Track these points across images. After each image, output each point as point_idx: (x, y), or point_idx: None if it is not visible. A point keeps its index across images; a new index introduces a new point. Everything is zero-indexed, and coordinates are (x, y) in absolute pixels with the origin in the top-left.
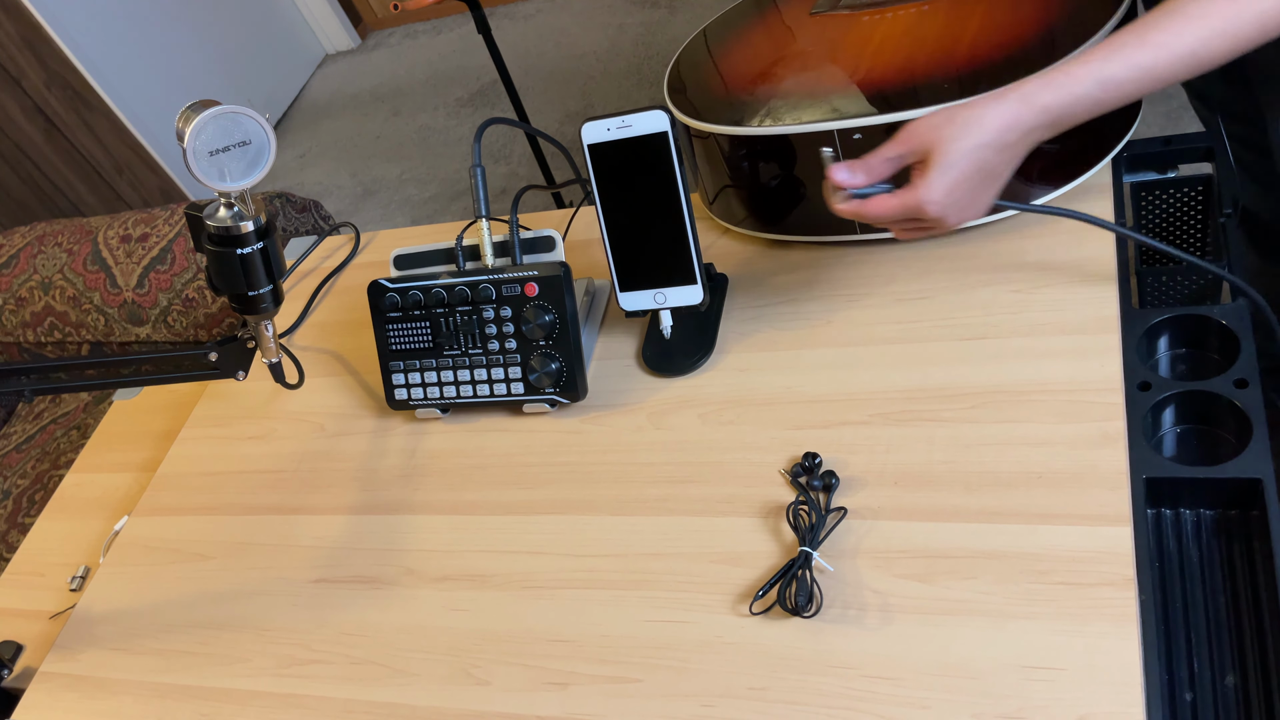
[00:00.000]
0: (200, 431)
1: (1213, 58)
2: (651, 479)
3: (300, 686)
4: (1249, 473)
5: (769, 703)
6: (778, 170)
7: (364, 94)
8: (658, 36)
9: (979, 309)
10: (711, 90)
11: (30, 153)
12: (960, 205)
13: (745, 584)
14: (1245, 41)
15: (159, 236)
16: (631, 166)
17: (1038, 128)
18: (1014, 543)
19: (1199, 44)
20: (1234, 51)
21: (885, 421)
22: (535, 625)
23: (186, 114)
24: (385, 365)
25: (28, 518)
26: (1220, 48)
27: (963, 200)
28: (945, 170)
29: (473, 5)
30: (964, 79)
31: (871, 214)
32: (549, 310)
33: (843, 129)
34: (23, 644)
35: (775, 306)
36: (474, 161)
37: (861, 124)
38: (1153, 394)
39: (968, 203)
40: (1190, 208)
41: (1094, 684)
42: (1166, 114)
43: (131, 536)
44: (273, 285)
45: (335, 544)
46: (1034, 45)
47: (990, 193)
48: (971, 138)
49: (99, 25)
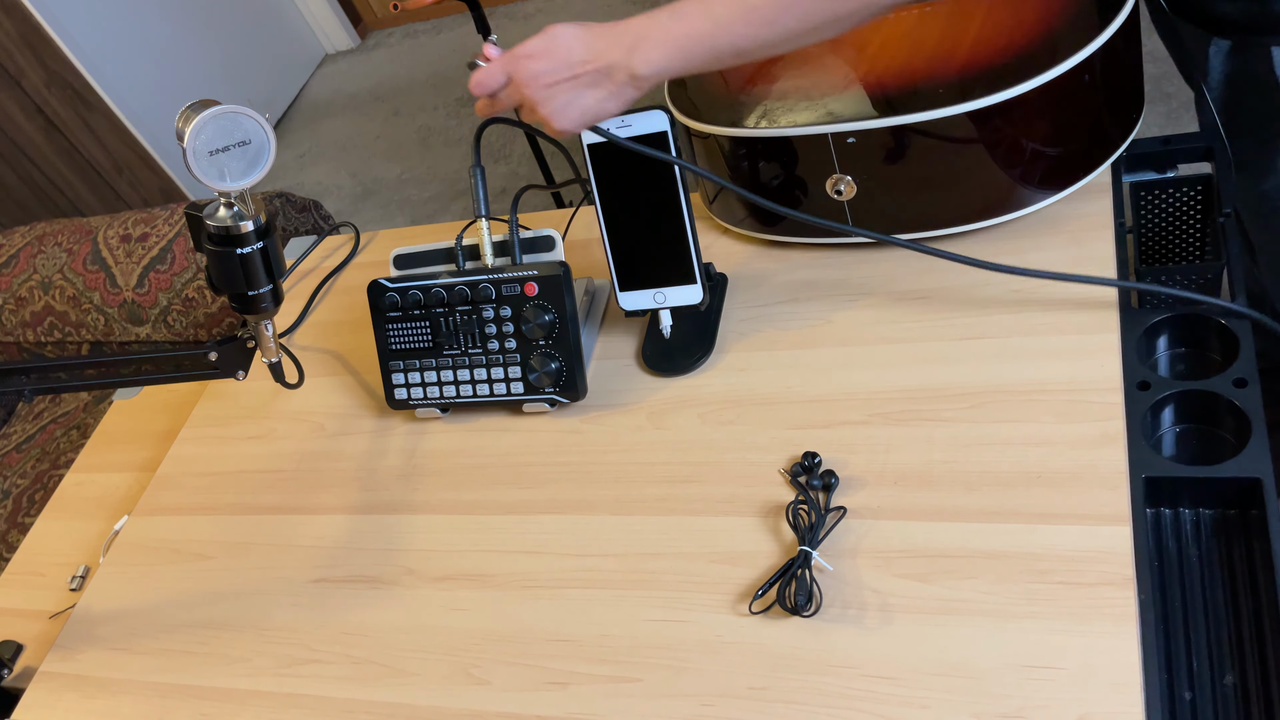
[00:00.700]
0: (200, 431)
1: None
2: (651, 479)
3: (300, 686)
4: (1248, 472)
5: (769, 702)
6: (777, 171)
7: (364, 94)
8: None
9: (979, 309)
10: (712, 90)
11: (30, 152)
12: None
13: (745, 583)
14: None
15: (159, 236)
16: (631, 166)
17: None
18: (1014, 543)
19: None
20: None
21: (885, 421)
22: (535, 625)
23: (186, 114)
24: (385, 365)
25: (28, 518)
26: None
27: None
28: (542, 37)
29: (473, 5)
30: (963, 80)
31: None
32: (549, 310)
33: (840, 131)
34: (23, 644)
35: (775, 306)
36: (474, 161)
37: (860, 127)
38: (1152, 393)
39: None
40: (1190, 208)
41: (1094, 683)
42: (1167, 114)
43: (131, 536)
44: (273, 285)
45: (335, 544)
46: (1033, 47)
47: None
48: (567, 26)
49: (99, 25)
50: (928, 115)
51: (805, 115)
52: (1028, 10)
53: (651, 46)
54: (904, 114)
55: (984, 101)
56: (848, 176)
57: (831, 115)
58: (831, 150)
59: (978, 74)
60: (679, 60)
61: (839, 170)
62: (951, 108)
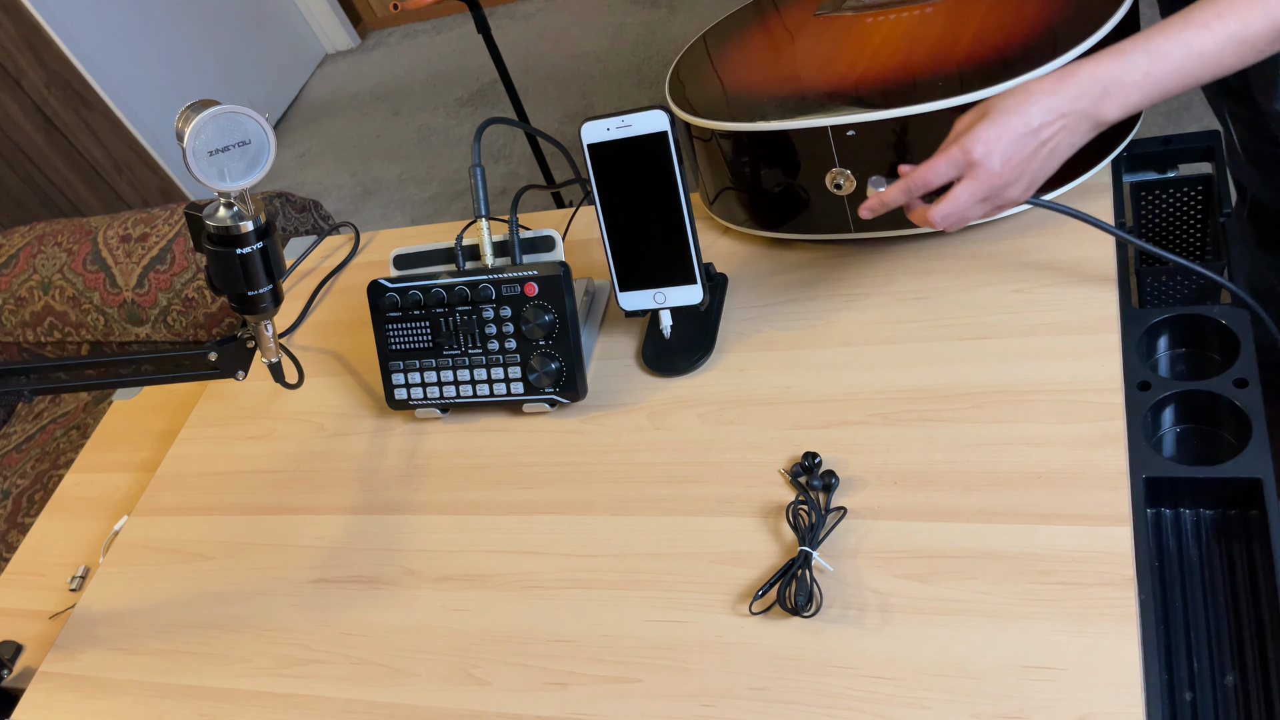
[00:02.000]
0: (200, 431)
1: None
2: (651, 479)
3: (300, 686)
4: (1249, 472)
5: (769, 703)
6: (778, 169)
7: (364, 94)
8: (658, 36)
9: (979, 309)
10: (713, 90)
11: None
12: (1011, 161)
13: (745, 584)
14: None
15: (159, 236)
16: (631, 166)
17: (1084, 96)
18: (1014, 543)
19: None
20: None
21: (885, 421)
22: (535, 625)
23: (186, 114)
24: (385, 365)
25: (28, 518)
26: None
27: (1014, 156)
28: (991, 122)
29: (473, 5)
30: (965, 79)
31: (920, 176)
32: (549, 310)
33: (840, 124)
34: (23, 644)
35: (775, 306)
36: (474, 161)
37: (861, 119)
38: (1152, 394)
39: (1019, 160)
40: (1190, 208)
41: (1094, 684)
42: (1167, 114)
43: (131, 536)
44: (272, 285)
45: (335, 544)
46: (1037, 46)
47: (1043, 160)
48: (1015, 98)
49: (99, 25)
50: (928, 107)
51: (804, 109)
52: (1031, 8)
53: (1126, 92)
54: (904, 106)
55: (984, 93)
56: (847, 170)
57: (831, 109)
58: (831, 144)
59: (978, 67)
60: (1154, 98)
61: (839, 164)
62: (952, 99)
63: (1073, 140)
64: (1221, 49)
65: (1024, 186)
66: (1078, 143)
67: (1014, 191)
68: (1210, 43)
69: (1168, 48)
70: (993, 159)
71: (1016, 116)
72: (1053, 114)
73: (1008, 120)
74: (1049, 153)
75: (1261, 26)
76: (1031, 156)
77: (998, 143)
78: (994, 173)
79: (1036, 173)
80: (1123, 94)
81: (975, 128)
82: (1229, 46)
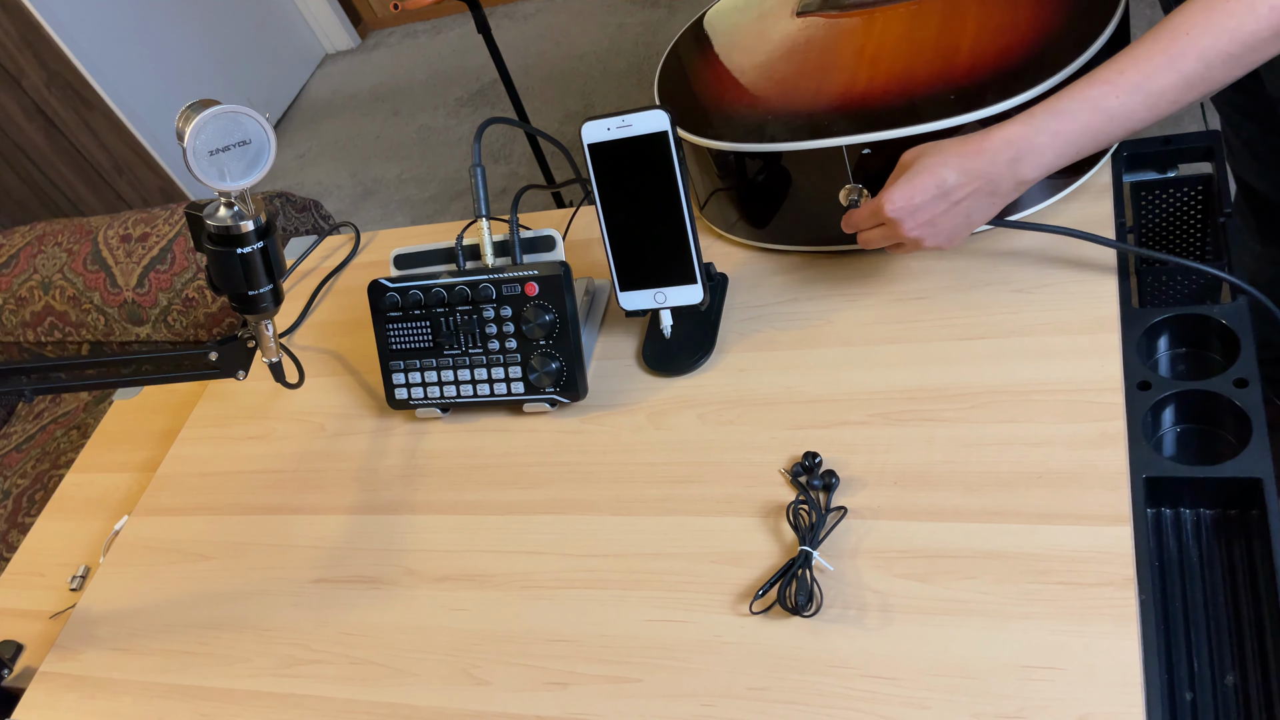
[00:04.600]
0: (200, 431)
1: (1164, 92)
2: (651, 479)
3: (300, 686)
4: (1249, 472)
5: (769, 703)
6: (760, 182)
7: (364, 94)
8: (658, 36)
9: (979, 309)
10: (696, 98)
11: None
12: (919, 219)
13: (745, 584)
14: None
15: (159, 236)
16: (632, 166)
17: (997, 160)
18: (1014, 543)
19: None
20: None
21: (885, 421)
22: (535, 625)
23: (186, 114)
24: (385, 365)
25: (28, 518)
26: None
27: (922, 214)
28: (907, 179)
29: (473, 5)
30: (971, 86)
31: (847, 221)
32: (549, 310)
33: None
34: (23, 644)
35: (775, 306)
36: (474, 161)
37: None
38: (1153, 393)
39: (927, 218)
40: (1190, 207)
41: (1094, 684)
42: None
43: (131, 536)
44: (273, 285)
45: (335, 544)
46: (1027, 49)
47: (959, 217)
48: (933, 157)
49: (99, 25)
50: (945, 124)
51: (815, 127)
52: (1022, 10)
53: (1039, 153)
54: (919, 123)
55: (999, 107)
56: (860, 185)
57: (842, 128)
58: (846, 162)
59: (985, 79)
60: (1069, 156)
61: (852, 180)
62: (967, 115)
63: (994, 200)
64: (1127, 104)
65: (944, 237)
66: (1001, 201)
67: (932, 242)
68: (1114, 99)
69: (1073, 106)
70: (903, 216)
71: (930, 176)
72: (965, 176)
73: (923, 180)
74: (965, 211)
75: (1168, 80)
76: (944, 214)
77: (908, 202)
78: (905, 229)
79: (954, 229)
80: (1036, 155)
81: (894, 187)
82: (1135, 100)
